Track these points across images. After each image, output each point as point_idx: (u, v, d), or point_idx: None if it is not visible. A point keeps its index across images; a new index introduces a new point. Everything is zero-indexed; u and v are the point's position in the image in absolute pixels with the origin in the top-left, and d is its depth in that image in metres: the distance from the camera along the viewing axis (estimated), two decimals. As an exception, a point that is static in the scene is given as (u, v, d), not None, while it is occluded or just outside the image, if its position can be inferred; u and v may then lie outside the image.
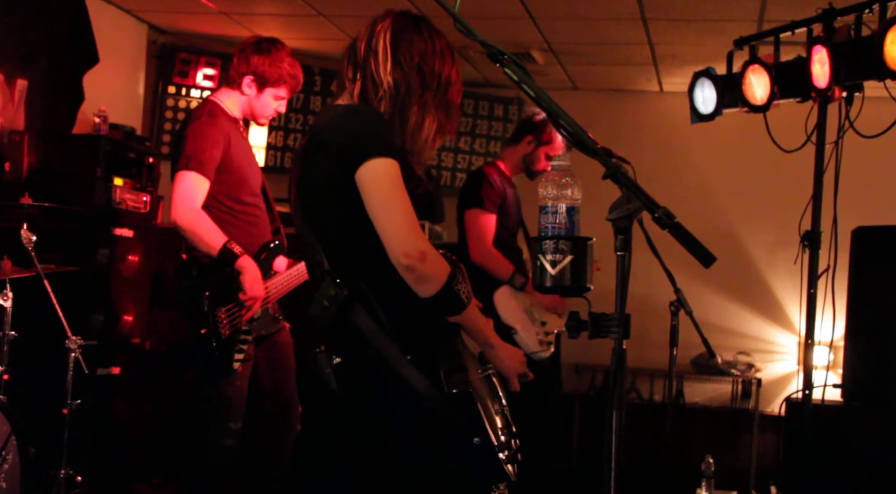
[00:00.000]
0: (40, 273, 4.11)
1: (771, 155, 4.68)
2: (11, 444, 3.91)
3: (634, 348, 6.65)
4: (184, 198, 3.81)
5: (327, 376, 2.38)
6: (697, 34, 6.21)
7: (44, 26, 5.69)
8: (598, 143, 2.13)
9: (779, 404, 4.99)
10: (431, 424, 2.31)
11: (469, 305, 2.42)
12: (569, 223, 2.14)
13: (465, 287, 2.39)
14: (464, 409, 2.30)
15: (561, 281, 2.13)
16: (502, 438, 2.38)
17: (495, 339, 2.53)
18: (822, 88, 4.31)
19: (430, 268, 2.33)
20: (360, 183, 2.36)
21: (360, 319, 2.35)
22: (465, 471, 2.35)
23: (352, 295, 2.36)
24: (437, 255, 2.38)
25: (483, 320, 2.51)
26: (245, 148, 4.09)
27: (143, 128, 6.80)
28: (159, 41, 7.07)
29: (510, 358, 2.55)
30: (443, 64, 2.53)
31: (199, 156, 3.84)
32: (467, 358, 2.49)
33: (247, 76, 4.02)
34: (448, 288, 2.35)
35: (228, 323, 3.83)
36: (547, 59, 6.98)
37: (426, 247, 2.33)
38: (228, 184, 3.95)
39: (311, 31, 6.72)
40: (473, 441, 2.29)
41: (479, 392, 2.41)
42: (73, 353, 4.16)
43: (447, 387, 2.30)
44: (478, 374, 2.50)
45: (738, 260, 7.33)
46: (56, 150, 5.37)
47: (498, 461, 2.32)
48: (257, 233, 4.04)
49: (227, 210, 3.97)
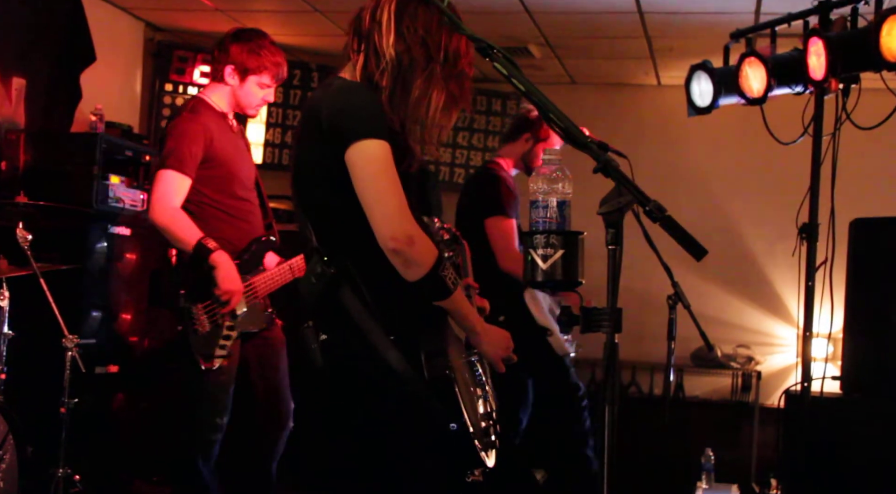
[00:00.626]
0: (36, 272, 4.11)
1: (768, 147, 4.67)
2: (9, 444, 3.91)
3: (634, 342, 6.72)
4: (161, 197, 3.82)
5: (313, 352, 2.41)
6: (694, 27, 6.19)
7: (40, 24, 5.69)
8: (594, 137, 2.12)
9: (778, 396, 4.98)
10: (409, 407, 2.32)
11: (455, 291, 2.40)
12: (560, 217, 2.13)
13: (451, 272, 2.38)
14: (441, 394, 2.31)
15: (552, 276, 2.12)
16: (482, 425, 2.38)
17: (480, 325, 2.51)
18: (819, 80, 4.29)
19: (417, 253, 2.33)
20: (350, 164, 2.35)
21: (346, 298, 2.36)
22: (439, 456, 2.35)
23: (338, 274, 2.37)
24: (426, 240, 2.37)
25: (468, 306, 2.50)
26: (234, 142, 4.08)
27: (140, 126, 6.79)
28: (156, 39, 7.06)
29: (495, 343, 2.54)
30: (450, 37, 2.50)
31: (177, 154, 3.84)
32: (451, 342, 2.48)
33: (228, 66, 4.01)
34: (434, 273, 2.34)
35: (207, 320, 3.83)
36: (544, 53, 6.98)
37: (414, 231, 2.33)
38: (214, 179, 3.95)
39: (308, 27, 6.71)
40: (450, 426, 2.28)
41: (460, 377, 2.40)
42: (69, 352, 4.16)
43: (427, 371, 2.30)
44: (461, 359, 2.50)
45: (737, 252, 7.32)
46: (52, 148, 5.37)
47: (473, 447, 2.33)
48: (247, 229, 4.04)
49: (215, 204, 3.97)
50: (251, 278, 3.96)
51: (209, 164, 3.93)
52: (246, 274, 3.95)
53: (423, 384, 2.30)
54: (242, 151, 4.13)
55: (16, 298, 4.18)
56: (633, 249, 2.49)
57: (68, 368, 4.17)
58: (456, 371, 2.39)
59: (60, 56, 5.84)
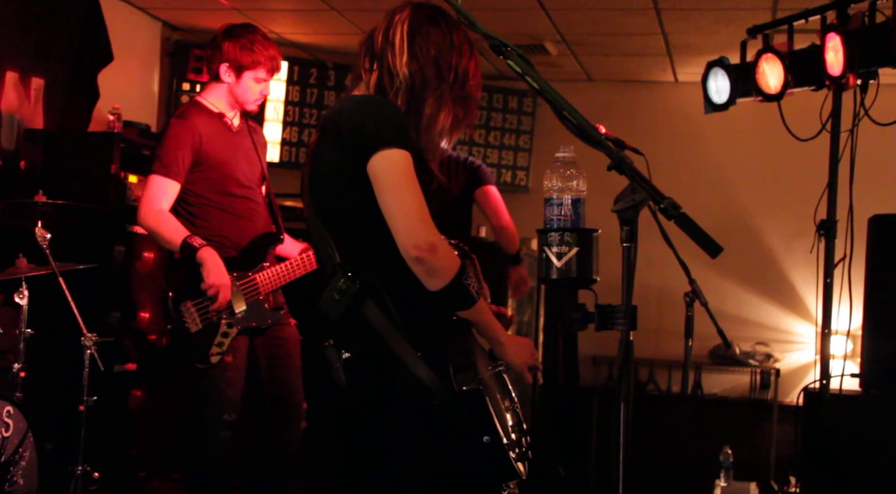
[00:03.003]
0: (55, 271, 4.13)
1: (786, 144, 4.65)
2: (28, 441, 3.93)
3: (652, 339, 6.71)
4: (146, 200, 3.89)
5: (336, 371, 2.37)
6: (711, 23, 6.17)
7: (58, 25, 5.72)
8: (611, 134, 2.11)
9: (797, 394, 4.96)
10: (441, 422, 2.30)
11: (479, 300, 2.39)
12: (574, 215, 2.12)
13: (474, 281, 2.37)
14: (473, 407, 2.28)
15: (567, 274, 2.12)
16: (512, 436, 2.36)
17: (504, 335, 2.49)
18: (837, 76, 4.28)
19: (440, 261, 2.31)
20: (372, 173, 2.34)
21: (371, 314, 2.33)
22: (474, 470, 2.33)
23: (363, 290, 2.34)
24: (448, 248, 2.36)
25: (491, 316, 2.47)
26: (232, 142, 4.07)
27: (157, 126, 6.80)
28: (173, 38, 7.09)
29: (519, 353, 2.52)
30: (460, 57, 2.49)
31: (163, 158, 3.90)
32: (478, 354, 2.47)
33: (222, 64, 4.01)
34: (457, 281, 2.32)
35: (199, 318, 3.85)
36: (560, 50, 6.96)
37: (436, 239, 2.31)
38: (210, 181, 3.97)
39: (324, 25, 6.72)
40: (483, 439, 2.26)
41: (489, 389, 2.38)
42: (88, 350, 4.18)
43: (456, 385, 2.27)
44: (488, 371, 2.48)
45: (756, 250, 7.29)
46: (71, 148, 5.40)
47: (508, 459, 2.30)
48: (250, 226, 4.04)
49: (214, 204, 3.99)
50: (253, 274, 3.97)
51: (201, 167, 3.96)
52: (247, 270, 3.97)
53: (453, 398, 2.27)
54: (244, 150, 4.10)
55: (35, 297, 4.21)
56: (651, 246, 2.48)
57: (87, 366, 4.19)
58: (485, 383, 2.37)
59: (78, 56, 5.87)
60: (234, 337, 3.90)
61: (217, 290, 3.81)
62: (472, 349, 2.46)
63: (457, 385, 2.28)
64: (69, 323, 4.20)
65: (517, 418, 2.48)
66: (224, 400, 3.91)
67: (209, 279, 3.79)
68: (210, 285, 3.80)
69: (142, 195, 3.94)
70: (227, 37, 4.03)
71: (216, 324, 3.87)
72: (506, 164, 7.80)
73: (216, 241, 3.92)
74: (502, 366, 2.52)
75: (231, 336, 3.89)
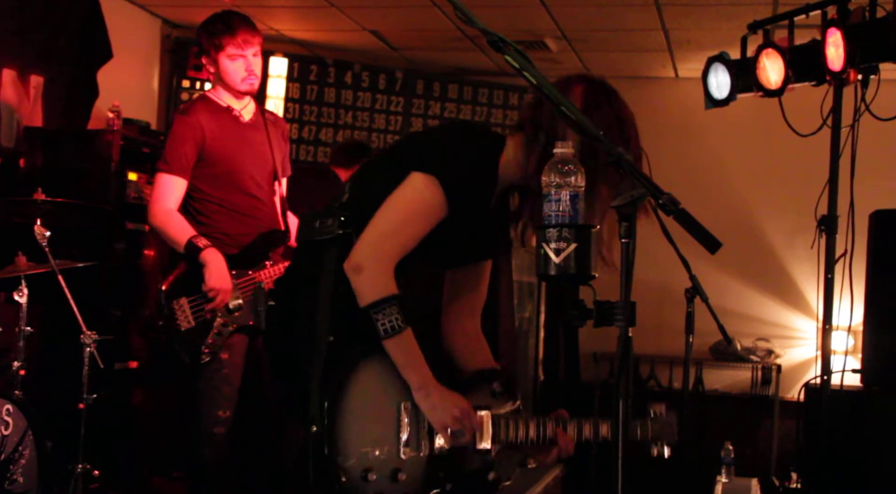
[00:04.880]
0: (55, 269, 4.12)
1: (787, 139, 4.64)
2: (28, 439, 3.93)
3: (653, 335, 6.70)
4: (154, 200, 3.93)
5: (258, 313, 2.59)
6: (712, 19, 6.16)
7: (57, 22, 5.72)
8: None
9: (798, 390, 4.95)
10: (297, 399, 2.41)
11: (392, 337, 2.36)
12: (572, 211, 2.11)
13: (389, 320, 2.34)
14: (320, 401, 2.32)
15: (565, 270, 2.11)
16: (369, 467, 2.33)
17: (418, 380, 2.41)
18: (837, 71, 4.27)
19: (360, 284, 2.36)
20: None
21: (329, 264, 2.43)
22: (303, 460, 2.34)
23: (343, 236, 2.43)
24: (378, 276, 2.36)
25: (412, 358, 2.40)
26: (241, 136, 4.05)
27: (157, 123, 6.81)
28: (173, 35, 7.08)
29: (433, 408, 2.41)
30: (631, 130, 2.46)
31: (167, 156, 3.93)
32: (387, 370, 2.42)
33: (203, 58, 4.04)
34: (366, 311, 2.36)
35: (192, 315, 3.85)
36: (560, 46, 6.95)
37: (369, 263, 2.35)
38: (213, 177, 3.97)
39: (324, 22, 6.71)
40: (311, 428, 2.31)
41: (363, 402, 2.36)
42: (88, 348, 4.17)
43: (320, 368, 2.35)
44: (391, 396, 2.42)
45: (756, 245, 7.29)
46: (70, 146, 5.40)
47: (334, 467, 2.29)
48: (253, 224, 4.03)
49: (216, 201, 3.99)
50: (253, 273, 3.96)
51: (205, 163, 3.96)
52: (248, 268, 3.96)
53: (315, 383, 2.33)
54: (253, 145, 4.08)
55: (34, 295, 4.20)
56: (652, 242, 2.47)
57: (87, 364, 4.18)
58: (360, 393, 2.35)
59: (78, 54, 5.87)
60: (228, 336, 3.89)
61: (217, 294, 3.81)
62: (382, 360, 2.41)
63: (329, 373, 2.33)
64: (69, 321, 4.19)
65: (397, 462, 2.40)
66: (219, 396, 3.91)
67: (210, 282, 3.79)
68: (211, 288, 3.80)
69: (150, 195, 3.98)
70: (200, 30, 4.04)
71: (210, 322, 3.87)
72: (506, 161, 7.79)
73: (217, 238, 3.92)
74: (407, 403, 2.42)
75: (225, 334, 3.89)
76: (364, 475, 2.32)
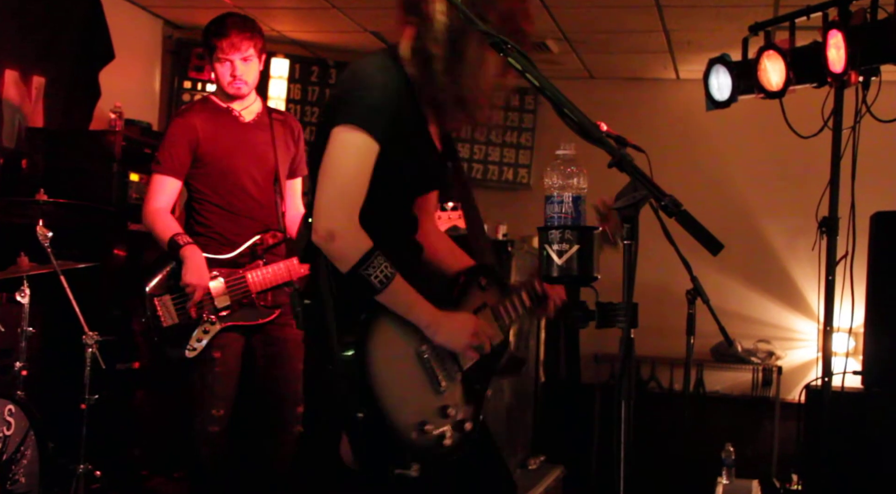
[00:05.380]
0: (57, 269, 4.13)
1: (788, 141, 4.65)
2: (30, 440, 3.93)
3: (653, 337, 6.70)
4: (146, 200, 4.03)
5: (297, 315, 2.45)
6: (713, 20, 6.16)
7: (59, 23, 5.72)
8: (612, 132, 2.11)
9: (799, 391, 4.96)
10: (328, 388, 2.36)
11: (388, 286, 2.34)
12: (575, 212, 2.12)
13: (380, 270, 2.32)
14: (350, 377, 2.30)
15: (568, 271, 2.11)
16: (418, 419, 2.35)
17: (426, 317, 2.42)
18: (838, 73, 4.27)
19: (337, 249, 2.32)
20: (327, 143, 2.39)
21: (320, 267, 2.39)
22: (357, 443, 2.33)
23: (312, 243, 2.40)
24: (351, 236, 2.34)
25: (412, 300, 2.41)
26: (239, 136, 4.08)
27: (158, 124, 6.81)
28: (174, 36, 7.09)
29: (453, 334, 2.45)
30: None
31: (159, 156, 4.04)
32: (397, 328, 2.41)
33: (206, 63, 4.12)
34: (354, 271, 2.32)
35: (176, 312, 3.90)
36: (562, 48, 6.95)
37: (337, 227, 2.32)
38: (209, 176, 4.03)
39: (326, 23, 6.72)
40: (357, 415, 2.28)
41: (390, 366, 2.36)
42: (89, 349, 4.18)
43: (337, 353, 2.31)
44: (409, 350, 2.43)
45: (758, 247, 7.29)
46: (72, 146, 5.40)
47: (391, 439, 2.29)
48: (249, 224, 4.05)
49: (213, 200, 4.03)
50: (243, 272, 3.98)
51: (201, 162, 4.02)
52: (238, 267, 3.98)
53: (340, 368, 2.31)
54: (254, 145, 4.09)
55: (36, 295, 4.21)
56: (653, 244, 2.48)
57: (88, 365, 4.19)
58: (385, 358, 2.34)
59: (79, 54, 5.88)
60: (216, 334, 3.92)
61: (193, 290, 3.86)
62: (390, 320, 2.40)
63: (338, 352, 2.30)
64: (71, 321, 4.20)
65: (442, 401, 2.44)
66: (212, 395, 3.94)
67: (186, 277, 3.85)
68: (186, 284, 3.86)
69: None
70: (203, 31, 4.12)
71: (197, 320, 3.90)
72: (507, 162, 7.80)
73: (212, 238, 3.97)
74: (425, 347, 2.44)
75: (213, 332, 3.92)
76: (420, 428, 2.36)
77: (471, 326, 2.48)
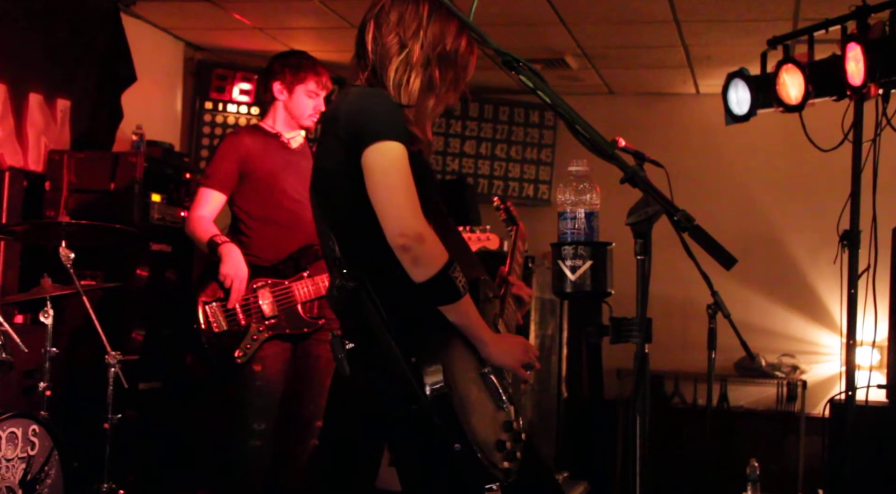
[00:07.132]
0: (80, 290, 4.16)
1: (808, 154, 4.64)
2: (54, 459, 3.96)
3: (676, 351, 6.67)
4: (191, 209, 4.19)
5: (339, 361, 2.39)
6: (731, 35, 6.16)
7: (82, 46, 5.78)
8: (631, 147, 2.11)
9: (824, 406, 4.92)
10: (416, 426, 2.31)
11: (464, 296, 2.35)
12: (588, 228, 2.13)
13: (461, 276, 2.33)
14: (441, 412, 2.27)
15: (581, 287, 2.12)
16: (493, 439, 2.35)
17: (488, 335, 2.43)
18: (858, 86, 4.26)
19: (427, 251, 2.29)
20: (365, 166, 2.35)
21: (366, 310, 2.34)
22: (451, 476, 2.33)
23: (357, 287, 2.35)
24: (436, 240, 2.33)
25: (476, 316, 2.41)
26: (286, 159, 4.22)
27: (180, 145, 6.87)
28: (196, 58, 7.14)
29: (508, 352, 2.47)
30: (428, 23, 2.54)
31: (207, 170, 4.22)
32: (458, 355, 2.40)
33: (275, 82, 4.23)
34: (443, 273, 2.30)
35: (225, 320, 3.99)
36: (581, 64, 6.96)
37: (424, 229, 2.30)
38: (257, 191, 4.16)
39: (345, 43, 6.68)
40: (455, 447, 2.25)
41: (463, 392, 2.34)
42: (112, 368, 4.21)
43: (427, 389, 2.26)
44: (473, 373, 2.43)
45: (780, 261, 7.25)
46: (95, 168, 5.44)
47: (480, 464, 2.28)
48: (292, 237, 4.12)
49: (260, 213, 4.16)
50: (289, 283, 4.08)
51: (248, 178, 4.16)
52: (284, 278, 4.08)
53: (427, 402, 2.27)
54: (298, 167, 4.19)
55: (59, 316, 4.24)
56: (674, 258, 2.47)
57: (111, 384, 4.22)
58: (458, 386, 2.33)
59: (103, 77, 5.93)
60: (263, 342, 4.00)
61: (231, 280, 3.97)
62: (450, 350, 2.39)
63: (428, 389, 2.26)
64: (93, 341, 4.23)
65: (507, 417, 2.45)
66: (252, 409, 4.01)
67: (223, 268, 3.97)
68: (224, 274, 3.97)
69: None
70: (278, 59, 4.28)
71: (246, 327, 3.99)
72: (528, 178, 7.81)
73: (255, 255, 4.09)
74: (488, 368, 2.45)
75: (260, 340, 4.00)
76: (501, 447, 2.37)
77: (521, 344, 2.53)
